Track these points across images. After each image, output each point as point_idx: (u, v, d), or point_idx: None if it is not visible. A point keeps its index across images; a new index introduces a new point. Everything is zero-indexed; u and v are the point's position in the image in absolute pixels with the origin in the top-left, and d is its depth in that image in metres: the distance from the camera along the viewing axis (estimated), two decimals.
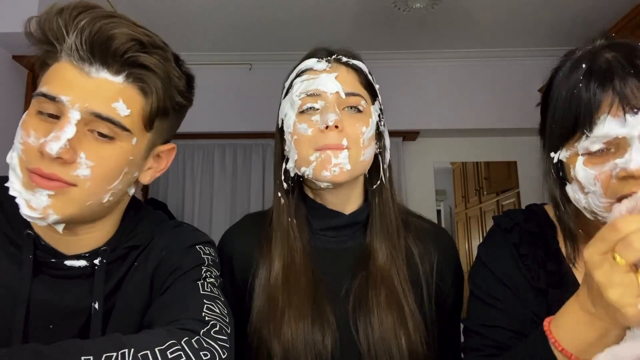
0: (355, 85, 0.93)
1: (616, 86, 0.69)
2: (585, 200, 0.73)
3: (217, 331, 0.69)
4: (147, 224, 0.84)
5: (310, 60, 0.95)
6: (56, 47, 0.69)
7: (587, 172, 0.71)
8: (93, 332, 0.73)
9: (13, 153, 0.68)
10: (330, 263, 0.94)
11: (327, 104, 0.90)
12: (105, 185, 0.71)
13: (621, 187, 0.68)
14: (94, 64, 0.68)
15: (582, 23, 2.98)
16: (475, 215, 5.18)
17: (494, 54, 3.44)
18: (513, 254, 0.84)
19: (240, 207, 3.41)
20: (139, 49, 0.69)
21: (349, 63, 0.95)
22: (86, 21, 0.67)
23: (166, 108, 0.75)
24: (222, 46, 3.31)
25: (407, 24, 3.03)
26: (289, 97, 0.94)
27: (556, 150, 0.77)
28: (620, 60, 0.71)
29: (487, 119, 3.40)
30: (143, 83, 0.71)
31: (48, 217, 0.68)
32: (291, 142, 0.92)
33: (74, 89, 0.67)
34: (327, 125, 0.87)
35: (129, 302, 0.78)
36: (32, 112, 0.69)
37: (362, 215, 0.97)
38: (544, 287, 0.81)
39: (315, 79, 0.92)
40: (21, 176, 0.67)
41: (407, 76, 3.43)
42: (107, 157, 0.69)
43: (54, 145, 0.64)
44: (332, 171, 0.87)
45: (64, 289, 0.74)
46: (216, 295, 0.76)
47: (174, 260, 0.80)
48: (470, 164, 5.18)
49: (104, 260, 0.76)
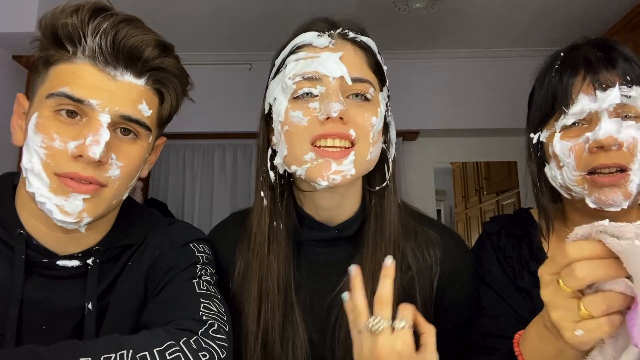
0: (362, 69, 0.77)
1: (588, 67, 0.77)
2: (561, 175, 0.79)
3: (215, 330, 0.68)
4: (141, 222, 0.84)
5: (308, 33, 0.78)
6: (69, 48, 0.69)
7: (562, 144, 0.78)
8: (87, 333, 0.73)
9: (33, 158, 0.67)
10: (317, 274, 0.83)
11: (329, 90, 0.74)
12: (128, 183, 0.74)
13: (592, 160, 0.74)
14: (118, 67, 0.69)
15: (583, 23, 2.98)
16: (476, 216, 5.18)
17: (493, 54, 3.44)
18: (499, 257, 0.87)
19: (240, 206, 3.37)
20: (161, 54, 0.73)
21: (356, 40, 0.79)
22: (109, 25, 0.68)
23: (178, 106, 0.79)
24: (222, 46, 3.31)
25: (407, 24, 3.02)
26: (280, 78, 0.78)
27: (536, 131, 0.85)
28: (593, 49, 0.80)
29: (487, 118, 3.40)
30: (161, 85, 0.75)
31: (83, 220, 0.69)
32: (281, 134, 0.77)
33: (102, 92, 0.68)
34: (329, 116, 0.71)
35: (123, 302, 0.77)
36: (47, 113, 0.68)
37: (353, 227, 0.83)
38: (528, 287, 0.82)
39: (314, 59, 0.76)
40: (49, 181, 0.67)
41: (407, 76, 3.43)
42: (133, 156, 0.72)
43: (96, 150, 0.66)
44: (330, 179, 0.73)
45: (57, 289, 0.74)
46: (212, 293, 0.76)
47: (168, 260, 0.79)
48: (470, 163, 5.19)
49: (97, 260, 0.76)
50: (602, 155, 0.74)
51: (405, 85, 3.41)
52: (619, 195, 0.74)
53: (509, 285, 0.85)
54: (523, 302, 0.82)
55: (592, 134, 0.74)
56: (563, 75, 0.79)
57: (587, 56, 0.78)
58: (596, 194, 0.75)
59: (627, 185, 0.73)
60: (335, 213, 0.84)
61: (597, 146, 0.73)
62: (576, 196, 0.79)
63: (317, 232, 0.84)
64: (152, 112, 0.74)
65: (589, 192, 0.76)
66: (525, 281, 0.83)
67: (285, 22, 2.95)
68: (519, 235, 0.89)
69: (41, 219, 0.72)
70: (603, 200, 0.75)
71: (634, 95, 0.74)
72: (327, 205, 0.83)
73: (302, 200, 0.85)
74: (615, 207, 0.74)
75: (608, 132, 0.72)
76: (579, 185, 0.77)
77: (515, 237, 0.89)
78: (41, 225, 0.73)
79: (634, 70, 0.76)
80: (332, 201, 0.82)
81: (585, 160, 0.75)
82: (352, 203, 0.84)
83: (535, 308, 0.81)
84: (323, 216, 0.84)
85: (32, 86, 0.73)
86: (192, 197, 3.44)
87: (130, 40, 0.69)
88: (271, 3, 2.77)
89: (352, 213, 0.84)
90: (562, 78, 0.79)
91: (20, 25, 2.15)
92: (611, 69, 0.76)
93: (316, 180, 0.74)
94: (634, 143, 0.73)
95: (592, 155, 0.75)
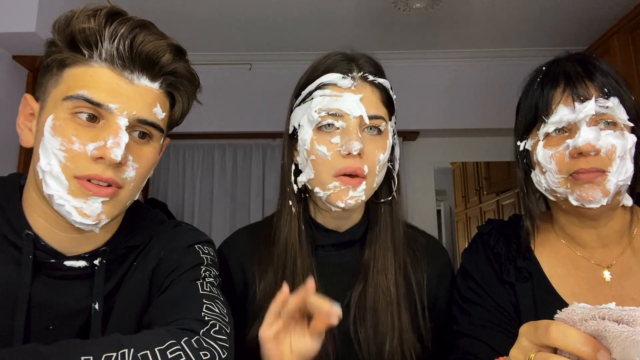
0: (378, 106, 0.90)
1: (568, 81, 0.84)
2: (545, 180, 0.86)
3: (217, 331, 0.69)
4: (146, 223, 0.84)
5: (333, 75, 0.89)
6: (85, 52, 0.70)
7: (545, 152, 0.85)
8: (93, 333, 0.73)
9: (51, 160, 0.68)
10: (330, 276, 0.94)
11: (349, 127, 0.87)
12: (141, 184, 0.76)
13: (572, 165, 0.81)
14: (134, 71, 0.71)
15: (583, 23, 2.98)
16: (475, 216, 5.18)
17: (494, 54, 3.44)
18: (487, 253, 0.95)
19: (241, 207, 3.41)
20: (175, 58, 0.74)
21: (375, 82, 0.91)
22: (126, 29, 0.70)
23: (189, 109, 0.82)
24: (222, 46, 3.31)
25: (407, 24, 3.03)
26: (307, 109, 0.90)
27: (522, 139, 0.91)
28: (572, 63, 0.86)
29: (487, 118, 3.40)
30: (174, 88, 0.77)
31: (101, 222, 0.71)
32: (307, 160, 0.89)
33: (120, 96, 0.69)
34: (350, 153, 0.85)
35: (129, 302, 0.78)
36: (64, 116, 0.69)
37: (359, 232, 0.97)
38: (513, 281, 0.90)
39: (338, 98, 0.88)
40: (67, 184, 0.68)
41: (407, 76, 3.43)
42: (147, 157, 0.74)
43: (117, 152, 0.67)
44: (347, 203, 0.87)
45: (63, 290, 0.74)
46: (215, 295, 0.76)
47: (173, 260, 0.80)
48: (470, 163, 5.19)
49: (103, 261, 0.76)
50: (581, 161, 0.81)
51: (406, 85, 3.41)
52: (597, 192, 0.80)
53: (493, 278, 0.91)
54: (506, 295, 0.90)
55: (572, 141, 0.81)
56: (544, 87, 0.87)
57: (567, 70, 0.85)
58: (578, 192, 0.82)
59: (605, 183, 0.80)
60: (343, 223, 0.98)
61: (577, 152, 0.80)
62: (560, 197, 0.86)
63: (331, 237, 0.97)
64: (165, 114, 0.76)
65: (571, 190, 0.83)
66: (511, 275, 0.90)
67: (285, 22, 2.97)
68: (509, 234, 0.95)
69: (51, 220, 0.73)
70: (584, 197, 0.81)
71: (611, 105, 0.81)
72: (336, 222, 0.97)
73: (315, 213, 0.98)
74: (594, 204, 0.80)
75: (586, 139, 0.79)
76: (562, 185, 0.84)
77: (505, 236, 0.95)
78: (50, 226, 0.73)
79: (610, 83, 0.83)
80: (339, 219, 0.97)
81: (567, 165, 0.83)
82: (357, 215, 0.99)
83: (518, 300, 0.89)
84: (332, 225, 0.98)
85: (42, 87, 0.73)
86: (191, 197, 3.44)
87: (147, 46, 0.71)
88: (271, 3, 2.77)
89: (357, 221, 0.98)
90: (543, 90, 0.87)
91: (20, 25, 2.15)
92: (589, 82, 0.83)
93: (335, 203, 0.88)
94: (612, 150, 0.80)
95: (573, 160, 0.82)
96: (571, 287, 0.88)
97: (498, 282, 0.91)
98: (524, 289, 0.89)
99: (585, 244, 0.90)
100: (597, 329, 0.44)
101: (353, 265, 0.95)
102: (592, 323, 0.44)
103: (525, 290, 0.89)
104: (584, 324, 0.45)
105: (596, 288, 0.86)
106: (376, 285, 0.91)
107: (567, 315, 0.47)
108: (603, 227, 0.88)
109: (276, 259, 0.93)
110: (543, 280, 0.89)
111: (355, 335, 0.89)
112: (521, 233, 0.94)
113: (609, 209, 0.85)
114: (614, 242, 0.89)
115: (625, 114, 0.82)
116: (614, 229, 0.88)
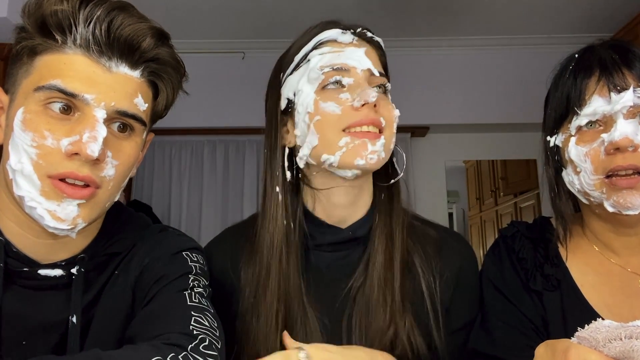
0: (380, 65, 0.91)
1: (603, 69, 0.83)
2: (578, 180, 0.85)
3: (207, 346, 0.69)
4: (129, 228, 0.84)
5: (332, 31, 0.89)
6: (58, 37, 0.69)
7: (578, 149, 0.84)
8: (70, 348, 0.73)
9: (22, 158, 0.67)
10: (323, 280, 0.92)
11: (359, 80, 0.85)
12: (122, 183, 0.75)
13: (609, 162, 0.80)
14: (113, 58, 0.70)
15: (609, 8, 2.98)
16: (491, 219, 5.18)
17: (512, 41, 3.44)
18: (512, 259, 0.93)
19: (232, 209, 3.41)
20: (157, 43, 0.73)
21: (373, 40, 0.92)
22: (102, 12, 0.69)
23: (173, 100, 0.81)
24: (212, 33, 3.30)
25: (415, 10, 3.03)
26: (304, 71, 0.88)
27: (552, 134, 0.91)
28: (608, 50, 0.85)
29: (504, 112, 3.40)
30: (157, 77, 0.76)
31: (77, 226, 0.70)
32: (310, 125, 0.86)
33: (97, 85, 0.69)
34: (366, 102, 0.82)
35: (109, 314, 0.78)
36: (35, 108, 0.68)
37: (365, 226, 0.93)
38: (540, 289, 0.89)
39: (341, 52, 0.87)
40: (40, 185, 0.67)
41: (416, 65, 3.43)
42: (128, 153, 0.73)
43: (94, 147, 0.66)
44: (368, 159, 0.83)
45: (38, 301, 0.74)
46: (205, 306, 0.76)
47: (159, 268, 0.80)
48: (485, 162, 5.19)
49: (82, 269, 0.76)
50: (618, 157, 0.80)
51: (415, 76, 3.41)
52: (637, 197, 0.80)
53: (519, 288, 0.90)
54: (533, 305, 0.88)
55: (607, 136, 0.80)
56: (577, 76, 0.86)
57: (602, 58, 0.84)
58: (615, 197, 0.81)
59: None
60: (350, 211, 0.93)
61: (613, 148, 0.79)
62: (595, 201, 0.85)
63: (330, 235, 0.93)
64: (147, 106, 0.75)
65: (607, 195, 0.82)
66: (538, 283, 0.90)
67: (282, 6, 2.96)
68: (535, 238, 0.94)
69: (24, 224, 0.73)
70: (621, 203, 0.80)
71: None
72: (344, 202, 0.92)
73: (314, 204, 0.93)
74: (633, 211, 0.80)
75: (624, 133, 0.78)
76: (597, 189, 0.83)
77: (531, 240, 0.94)
78: (23, 231, 0.73)
79: None
80: (349, 197, 0.92)
81: (603, 163, 0.81)
82: (366, 200, 0.94)
83: (546, 311, 0.87)
84: (336, 217, 0.93)
85: (12, 78, 0.73)
86: (179, 198, 3.44)
87: (126, 29, 0.70)
88: None
89: (365, 212, 0.94)
90: (575, 80, 0.86)
91: None
92: (627, 71, 0.82)
93: (354, 161, 0.83)
94: None
95: (609, 157, 0.80)
96: (604, 298, 0.87)
97: (524, 291, 0.90)
98: (551, 299, 0.88)
99: (621, 251, 0.89)
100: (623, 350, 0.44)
101: (351, 266, 0.91)
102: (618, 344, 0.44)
103: (553, 300, 0.88)
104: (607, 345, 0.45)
105: (632, 298, 0.85)
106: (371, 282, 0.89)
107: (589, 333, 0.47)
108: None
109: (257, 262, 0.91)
110: (573, 289, 0.88)
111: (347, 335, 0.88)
112: (549, 237, 0.93)
113: None
114: None
115: None
116: None
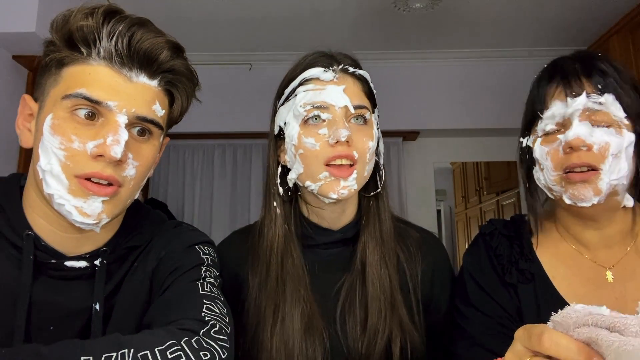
0: (361, 97, 0.92)
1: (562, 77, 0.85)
2: (543, 176, 0.87)
3: (217, 331, 0.69)
4: (147, 223, 0.84)
5: (315, 69, 0.91)
6: (83, 50, 0.70)
7: (542, 149, 0.86)
8: (93, 333, 0.73)
9: (51, 159, 0.68)
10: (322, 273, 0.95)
11: (335, 117, 0.88)
12: (141, 182, 0.76)
13: (566, 159, 0.82)
14: (133, 69, 0.71)
15: (583, 22, 2.98)
16: (476, 215, 5.18)
17: (494, 54, 3.44)
18: (490, 255, 0.94)
19: (241, 207, 3.41)
20: (173, 56, 0.74)
21: (355, 74, 0.93)
22: (123, 27, 0.70)
23: (187, 107, 0.82)
24: (222, 46, 3.31)
25: (407, 24, 3.03)
26: (291, 106, 0.91)
27: (524, 136, 0.93)
28: (573, 60, 0.87)
29: (487, 118, 3.40)
30: (172, 86, 0.77)
31: (101, 221, 0.71)
32: (296, 155, 0.90)
33: (119, 94, 0.70)
34: (339, 141, 0.85)
35: (129, 303, 0.78)
36: (63, 115, 0.69)
37: (353, 230, 0.97)
38: (515, 282, 0.90)
39: (322, 91, 0.89)
40: (68, 183, 0.68)
41: (407, 76, 3.43)
42: (147, 155, 0.74)
43: (117, 149, 0.67)
44: (340, 193, 0.87)
45: (64, 290, 0.74)
46: (216, 295, 0.76)
47: (174, 260, 0.80)
48: (470, 163, 5.19)
49: (104, 261, 0.76)
50: (574, 156, 0.81)
51: (405, 85, 3.41)
52: (589, 190, 0.81)
53: (496, 281, 0.91)
54: (508, 297, 0.90)
55: (563, 137, 0.82)
56: (541, 84, 0.89)
57: (565, 67, 0.87)
58: (570, 190, 0.83)
59: (598, 182, 0.80)
60: (338, 220, 0.97)
61: (568, 147, 0.81)
62: (557, 195, 0.87)
63: (324, 236, 0.97)
64: (164, 112, 0.76)
65: (565, 189, 0.84)
66: (513, 277, 0.90)
67: (285, 22, 2.97)
68: (511, 235, 0.95)
69: (52, 220, 0.73)
70: (576, 195, 0.82)
71: (604, 101, 0.81)
72: (331, 216, 0.96)
73: (308, 212, 0.98)
74: (586, 203, 0.81)
75: (577, 134, 0.80)
76: (557, 184, 0.85)
77: (507, 237, 0.95)
78: (51, 226, 0.73)
79: (606, 80, 0.83)
80: (335, 213, 0.96)
81: (561, 160, 0.83)
82: (352, 209, 0.98)
83: (521, 302, 0.89)
84: (327, 223, 0.97)
85: (41, 87, 0.73)
86: (192, 197, 3.44)
87: (145, 43, 0.71)
88: (271, 3, 2.77)
89: (352, 217, 0.98)
90: (539, 87, 0.89)
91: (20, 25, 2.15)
92: (585, 79, 0.83)
93: (328, 194, 0.88)
94: (605, 146, 0.80)
95: (566, 155, 0.82)
96: (574, 288, 0.87)
97: (500, 284, 0.91)
98: (526, 291, 0.89)
99: (589, 245, 0.89)
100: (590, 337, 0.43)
101: (345, 262, 0.95)
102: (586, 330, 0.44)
103: (527, 291, 0.89)
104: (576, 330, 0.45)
105: (601, 289, 0.86)
106: (366, 280, 0.91)
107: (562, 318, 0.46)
108: (606, 228, 0.87)
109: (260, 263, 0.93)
110: (545, 281, 0.89)
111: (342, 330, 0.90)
112: (523, 234, 0.93)
113: (607, 209, 0.85)
114: (617, 242, 0.88)
115: (621, 111, 0.81)
116: (616, 229, 0.88)
